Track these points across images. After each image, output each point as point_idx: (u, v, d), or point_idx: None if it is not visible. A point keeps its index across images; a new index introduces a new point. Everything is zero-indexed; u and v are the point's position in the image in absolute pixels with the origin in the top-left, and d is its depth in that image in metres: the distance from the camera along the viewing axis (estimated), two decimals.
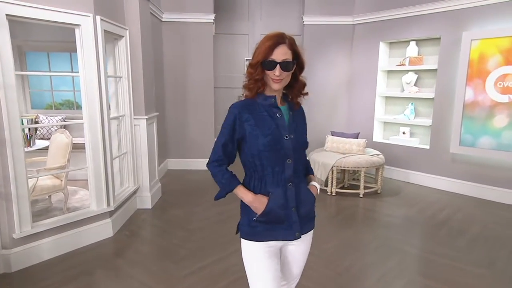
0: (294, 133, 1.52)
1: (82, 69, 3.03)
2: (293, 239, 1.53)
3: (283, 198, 1.49)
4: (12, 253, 2.75)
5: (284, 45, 1.44)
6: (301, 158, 1.57)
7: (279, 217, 1.50)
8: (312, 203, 1.59)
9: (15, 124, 2.64)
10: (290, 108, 1.57)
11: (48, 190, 3.64)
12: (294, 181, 1.51)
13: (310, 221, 1.62)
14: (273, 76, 1.44)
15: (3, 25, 2.54)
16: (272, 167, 1.49)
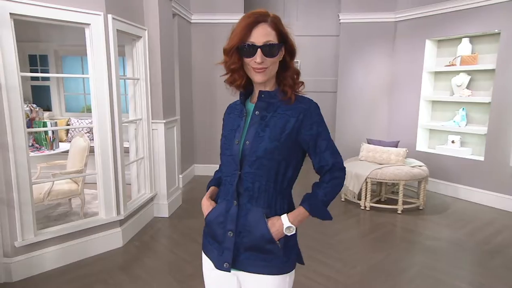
0: (253, 139, 1.18)
1: (92, 71, 2.89)
2: (220, 269, 1.22)
3: (223, 215, 1.22)
4: (14, 262, 2.64)
5: (265, 24, 1.12)
6: (264, 174, 1.17)
7: (216, 235, 1.25)
8: (262, 237, 1.18)
9: (18, 127, 2.54)
10: (262, 106, 1.21)
11: (64, 194, 3.57)
12: (241, 200, 1.20)
13: (260, 260, 1.19)
14: (254, 65, 1.13)
15: (6, 25, 2.44)
16: (226, 175, 1.25)
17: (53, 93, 5.94)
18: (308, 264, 2.94)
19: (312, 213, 1.22)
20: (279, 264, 1.20)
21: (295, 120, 1.18)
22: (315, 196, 1.23)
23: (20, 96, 2.54)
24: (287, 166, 1.21)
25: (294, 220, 1.20)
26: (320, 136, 1.20)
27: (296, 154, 1.22)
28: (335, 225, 3.83)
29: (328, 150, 1.22)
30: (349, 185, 4.35)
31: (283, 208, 1.24)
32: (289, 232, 1.20)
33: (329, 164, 1.22)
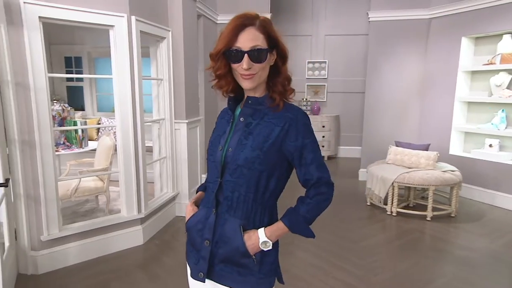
0: (236, 146, 1.13)
1: (115, 72, 2.96)
2: (195, 278, 1.18)
3: (202, 223, 1.19)
4: (40, 255, 2.75)
5: (253, 28, 1.07)
6: (244, 183, 1.11)
7: (194, 242, 1.21)
8: (236, 249, 1.12)
9: (45, 126, 2.64)
10: (248, 112, 1.16)
11: (91, 191, 3.68)
12: (219, 209, 1.15)
13: (235, 273, 1.13)
14: (241, 71, 1.08)
15: (35, 27, 2.53)
16: (209, 181, 1.22)
17: (86, 93, 6.19)
18: (328, 269, 2.86)
19: (291, 229, 1.15)
20: (255, 280, 1.14)
21: (280, 129, 1.11)
22: (297, 212, 1.15)
23: (47, 97, 2.63)
24: (269, 177, 1.13)
25: (271, 234, 1.13)
26: (306, 148, 1.12)
27: (279, 165, 1.15)
28: (358, 230, 3.70)
29: (313, 163, 1.13)
30: (374, 189, 4.19)
31: (262, 221, 1.16)
32: (265, 247, 1.13)
33: (313, 178, 1.14)
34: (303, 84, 7.40)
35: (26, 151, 2.61)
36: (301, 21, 7.25)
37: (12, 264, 2.61)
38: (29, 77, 2.55)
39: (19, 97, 2.56)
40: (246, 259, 1.12)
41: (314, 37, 7.31)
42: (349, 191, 5.09)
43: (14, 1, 2.47)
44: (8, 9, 2.48)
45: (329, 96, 7.38)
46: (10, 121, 2.56)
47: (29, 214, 2.69)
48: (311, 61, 7.32)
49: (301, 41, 7.33)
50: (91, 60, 6.16)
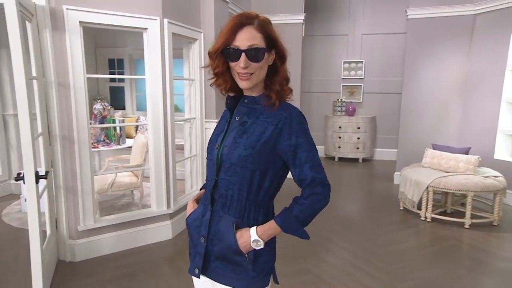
0: (230, 145, 1.13)
1: (148, 72, 3.10)
2: (192, 274, 1.22)
3: (199, 220, 1.21)
4: (77, 244, 2.95)
5: (251, 27, 1.08)
6: (237, 181, 1.12)
7: (192, 238, 1.25)
8: (229, 247, 1.13)
9: (83, 124, 2.82)
10: (243, 111, 1.18)
11: (126, 186, 3.87)
12: (215, 206, 1.17)
13: (229, 271, 1.15)
14: (239, 70, 1.09)
15: (76, 31, 2.72)
16: (207, 179, 1.25)
17: (126, 93, 6.51)
18: (352, 273, 2.80)
19: (283, 229, 1.13)
20: (247, 279, 1.15)
21: (274, 128, 1.11)
22: (290, 212, 1.13)
23: (85, 96, 2.82)
24: (263, 176, 1.13)
25: (262, 233, 1.12)
26: (300, 147, 1.11)
27: (273, 164, 1.14)
28: (388, 234, 3.58)
29: (308, 163, 1.11)
30: (407, 193, 4.03)
31: (257, 220, 1.16)
32: (256, 246, 1.13)
33: (308, 178, 1.11)
34: (338, 85, 7.27)
35: (66, 146, 2.81)
36: (337, 21, 7.13)
37: (53, 251, 2.82)
38: (70, 78, 2.74)
39: (60, 96, 2.76)
40: (239, 257, 1.13)
41: (350, 37, 7.15)
42: (382, 194, 4.93)
43: (58, 8, 2.67)
44: (53, 15, 2.68)
45: (365, 97, 7.19)
46: (53, 119, 2.76)
47: (68, 205, 2.89)
48: (347, 61, 7.16)
49: (336, 40, 7.20)
50: (132, 61, 6.47)
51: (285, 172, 1.19)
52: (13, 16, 2.10)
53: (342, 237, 3.50)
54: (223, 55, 1.11)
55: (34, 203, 2.23)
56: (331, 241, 3.40)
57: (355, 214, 4.23)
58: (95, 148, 4.20)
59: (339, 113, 7.07)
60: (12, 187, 4.62)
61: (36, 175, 2.24)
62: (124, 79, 6.50)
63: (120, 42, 6.32)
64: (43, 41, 2.68)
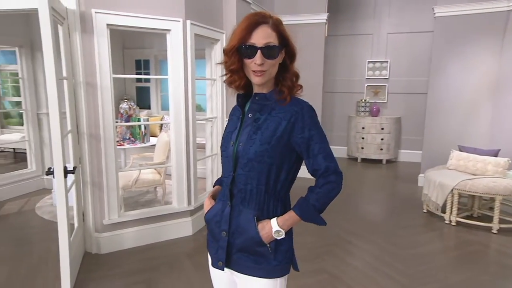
0: (245, 141, 1.17)
1: (170, 72, 3.19)
2: (215, 267, 1.26)
3: (219, 215, 1.25)
4: (102, 237, 3.08)
5: (266, 26, 1.12)
6: (255, 176, 1.17)
7: (213, 233, 1.28)
8: (251, 238, 1.18)
9: (109, 122, 2.94)
10: (255, 108, 1.21)
11: (149, 183, 4.00)
12: (234, 201, 1.21)
13: (251, 261, 1.20)
14: (254, 67, 1.13)
15: (103, 33, 2.84)
16: (224, 175, 1.28)
17: (152, 93, 6.69)
18: (371, 275, 2.78)
19: (302, 218, 1.19)
20: (269, 268, 1.19)
21: (287, 122, 1.16)
22: (307, 201, 1.18)
23: (111, 95, 2.94)
24: (279, 169, 1.18)
25: (283, 224, 1.18)
26: (313, 139, 1.16)
27: (289, 158, 1.19)
28: (410, 237, 3.50)
29: (320, 153, 1.16)
30: (431, 195, 3.93)
31: (276, 211, 1.21)
32: (278, 235, 1.18)
33: (321, 168, 1.16)
34: (362, 85, 7.17)
35: (92, 144, 2.94)
36: (361, 20, 7.03)
37: (79, 243, 2.96)
38: (97, 78, 2.87)
39: (88, 95, 2.89)
40: (262, 248, 1.18)
41: (375, 36, 7.03)
42: (405, 196, 4.83)
43: (87, 12, 2.81)
44: (83, 19, 2.82)
45: (390, 97, 7.04)
46: (81, 117, 2.90)
47: (94, 199, 3.02)
48: (371, 60, 7.05)
49: (361, 40, 7.10)
50: (157, 62, 6.65)
51: (299, 164, 1.24)
52: (46, 21, 2.22)
53: (362, 238, 3.46)
54: (239, 53, 1.14)
55: (63, 196, 2.35)
56: (350, 243, 3.37)
57: (377, 216, 4.17)
58: (121, 146, 4.35)
59: (363, 114, 6.96)
60: (45, 182, 4.87)
61: (65, 170, 2.36)
62: (150, 79, 6.69)
63: (146, 43, 6.51)
64: (73, 43, 2.82)
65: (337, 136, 7.45)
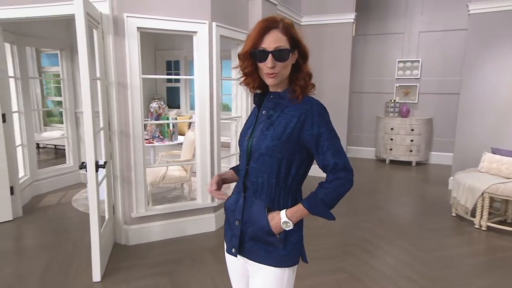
0: (259, 136, 1.24)
1: (196, 73, 3.31)
2: (229, 253, 1.36)
3: (234, 205, 1.34)
4: (130, 229, 3.25)
5: (277, 30, 1.18)
6: (267, 170, 1.23)
7: (229, 222, 1.38)
8: (262, 228, 1.25)
9: (138, 120, 3.10)
10: (270, 106, 1.28)
11: (175, 180, 4.15)
12: (247, 193, 1.28)
13: (262, 250, 1.26)
14: (266, 70, 1.19)
15: (134, 36, 3.00)
16: (240, 168, 1.37)
17: (181, 93, 6.91)
18: (391, 276, 2.75)
19: (310, 211, 1.24)
20: (278, 257, 1.25)
21: (297, 120, 1.21)
22: (316, 195, 1.24)
23: (140, 94, 3.09)
24: (290, 164, 1.24)
25: (292, 215, 1.24)
26: (322, 136, 1.20)
27: (299, 154, 1.24)
28: (435, 240, 3.42)
29: (329, 150, 1.20)
30: (460, 199, 3.80)
31: (286, 204, 1.27)
32: (286, 227, 1.24)
33: (330, 164, 1.21)
34: (392, 85, 7.01)
35: (123, 141, 3.11)
36: (392, 19, 6.88)
37: (110, 234, 3.14)
38: (127, 78, 3.03)
39: (119, 95, 3.06)
40: (271, 237, 1.24)
41: (406, 35, 6.86)
42: (434, 200, 4.69)
43: (120, 16, 2.98)
44: (115, 23, 2.99)
45: (421, 98, 6.84)
46: (113, 115, 3.08)
47: (123, 193, 3.19)
48: (402, 60, 6.88)
49: (391, 39, 6.95)
50: (187, 63, 6.85)
51: (310, 160, 1.29)
52: (81, 26, 2.40)
53: (385, 240, 3.42)
54: (252, 57, 1.21)
55: (94, 189, 2.52)
56: (372, 243, 3.34)
57: (403, 219, 4.08)
58: (150, 143, 4.55)
59: (392, 114, 6.81)
60: (81, 176, 5.17)
61: (96, 164, 2.53)
62: (180, 79, 6.91)
63: (177, 45, 6.73)
64: (106, 46, 3.00)
65: (365, 137, 7.33)
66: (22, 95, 4.49)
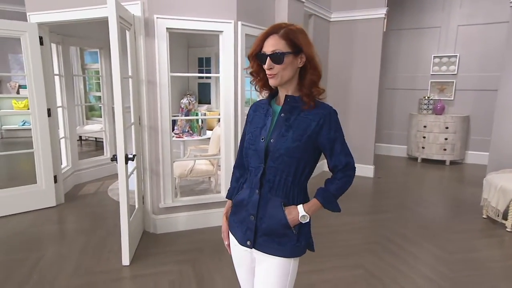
0: (277, 137, 1.32)
1: (222, 71, 3.43)
2: (243, 245, 1.42)
3: (246, 200, 1.41)
4: (158, 219, 3.45)
5: (276, 35, 1.27)
6: (285, 169, 1.32)
7: (241, 216, 1.44)
8: (279, 222, 1.34)
9: (165, 116, 3.28)
10: (287, 109, 1.34)
11: (202, 173, 4.32)
12: (263, 190, 1.36)
13: (275, 243, 1.35)
14: (266, 71, 1.30)
15: (163, 36, 3.17)
16: (252, 166, 1.41)
17: (212, 89, 7.10)
18: (409, 275, 2.75)
19: (324, 205, 1.36)
20: (291, 248, 1.35)
21: (316, 124, 1.31)
22: (328, 191, 1.37)
23: (168, 92, 3.27)
24: (306, 164, 1.34)
25: (309, 210, 1.35)
26: (337, 140, 1.34)
27: (313, 154, 1.36)
28: (461, 241, 3.34)
29: (342, 152, 1.35)
30: (491, 200, 3.66)
31: (299, 199, 1.37)
32: (304, 220, 1.34)
33: (342, 164, 1.36)
34: (426, 81, 6.78)
35: (151, 135, 3.31)
36: (428, 12, 6.64)
37: (139, 222, 3.36)
38: (157, 76, 3.21)
39: (149, 92, 3.25)
40: (287, 230, 1.34)
41: (443, 29, 6.60)
42: (465, 200, 4.54)
43: (150, 17, 3.16)
44: (146, 24, 3.17)
45: (457, 94, 6.57)
46: (143, 111, 3.28)
47: (152, 185, 3.40)
48: (438, 55, 6.63)
49: (427, 34, 6.72)
50: (217, 60, 6.98)
51: (317, 159, 1.40)
52: (114, 27, 2.59)
53: (408, 240, 3.38)
54: (257, 59, 1.33)
55: (124, 180, 2.73)
56: (394, 242, 3.32)
57: (429, 219, 3.99)
58: (180, 138, 4.75)
59: (425, 111, 6.60)
60: (116, 168, 5.49)
61: (126, 157, 2.73)
62: (211, 76, 7.10)
63: (208, 42, 6.91)
64: (138, 46, 3.20)
65: (397, 135, 7.16)
66: (66, 91, 4.86)
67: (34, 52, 3.73)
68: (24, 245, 3.21)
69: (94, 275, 2.74)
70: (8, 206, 3.84)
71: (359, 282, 2.65)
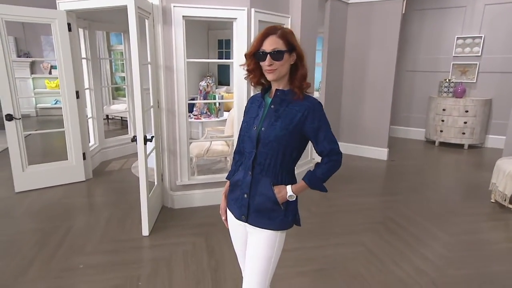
0: (268, 126, 1.50)
1: (235, 56, 3.59)
2: (239, 219, 1.62)
3: (241, 180, 1.60)
4: (175, 195, 3.74)
5: (274, 36, 1.44)
6: (274, 153, 1.50)
7: (236, 194, 1.63)
8: (269, 199, 1.53)
9: (182, 99, 3.50)
10: (277, 101, 1.52)
11: (218, 154, 4.56)
12: (255, 171, 1.55)
13: (266, 218, 1.55)
14: (265, 67, 1.46)
15: (179, 24, 3.35)
16: (246, 151, 1.60)
17: (231, 71, 7.24)
18: (406, 254, 2.90)
19: (310, 186, 1.55)
20: (280, 222, 1.56)
21: (301, 115, 1.49)
22: (314, 173, 1.55)
23: (184, 76, 3.47)
24: (292, 149, 1.53)
25: (296, 190, 1.55)
26: (320, 129, 1.50)
27: (300, 141, 1.54)
28: (465, 224, 3.44)
29: (326, 139, 1.51)
30: (499, 185, 3.70)
31: (286, 179, 1.57)
32: (291, 198, 1.55)
33: (326, 150, 1.52)
34: (448, 63, 6.64)
35: (169, 117, 3.55)
36: None
37: (157, 198, 3.66)
38: (173, 62, 3.41)
39: (166, 76, 3.47)
40: (276, 206, 1.55)
41: (469, 8, 6.38)
42: (476, 185, 4.57)
43: (168, 6, 3.33)
44: (164, 12, 3.35)
45: (480, 77, 6.41)
46: (161, 94, 3.51)
47: (170, 163, 3.67)
48: (461, 36, 6.45)
49: (451, 14, 6.52)
50: None
51: (305, 145, 1.59)
52: (132, 16, 2.78)
53: (412, 221, 3.51)
54: (255, 57, 1.50)
55: (142, 159, 2.99)
56: (397, 223, 3.46)
57: (436, 201, 4.07)
58: (198, 119, 4.99)
59: (445, 94, 6.51)
60: None
61: (144, 138, 2.98)
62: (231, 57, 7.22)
63: (228, 24, 6.96)
64: (156, 33, 3.39)
65: (415, 118, 7.11)
66: (93, 73, 5.16)
67: (63, 38, 4.00)
68: (57, 215, 3.59)
69: (117, 243, 3.06)
70: (43, 179, 4.24)
71: (358, 258, 2.84)
